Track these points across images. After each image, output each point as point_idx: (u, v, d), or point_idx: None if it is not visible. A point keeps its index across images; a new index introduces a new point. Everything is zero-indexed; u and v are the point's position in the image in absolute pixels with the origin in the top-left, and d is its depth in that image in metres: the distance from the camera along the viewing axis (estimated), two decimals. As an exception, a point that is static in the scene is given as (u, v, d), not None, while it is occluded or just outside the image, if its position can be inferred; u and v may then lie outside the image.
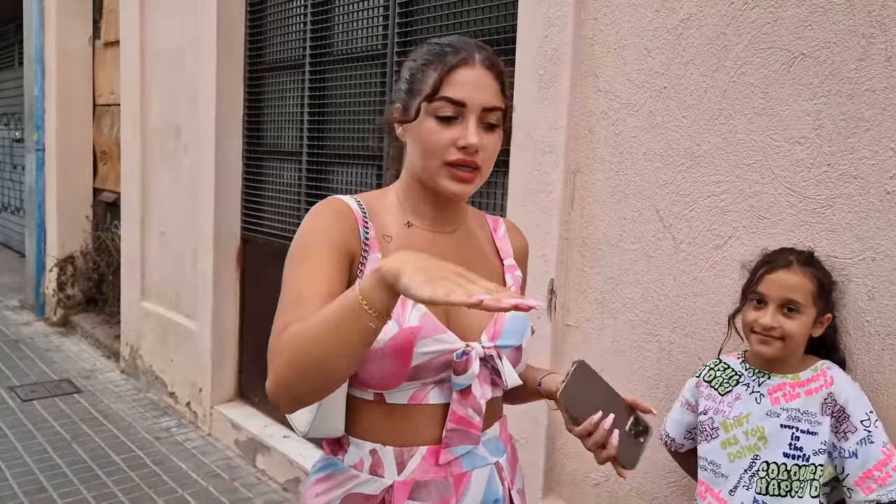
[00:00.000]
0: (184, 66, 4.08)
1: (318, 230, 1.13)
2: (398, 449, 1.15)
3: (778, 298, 1.51)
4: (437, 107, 1.11)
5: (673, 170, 1.91)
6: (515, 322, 1.22)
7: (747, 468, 1.55)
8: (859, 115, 1.57)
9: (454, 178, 1.13)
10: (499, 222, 1.35)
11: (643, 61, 1.97)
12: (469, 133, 1.10)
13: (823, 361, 1.55)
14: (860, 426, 1.45)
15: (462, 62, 1.11)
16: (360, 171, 3.22)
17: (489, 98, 1.12)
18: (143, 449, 3.70)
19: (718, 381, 1.65)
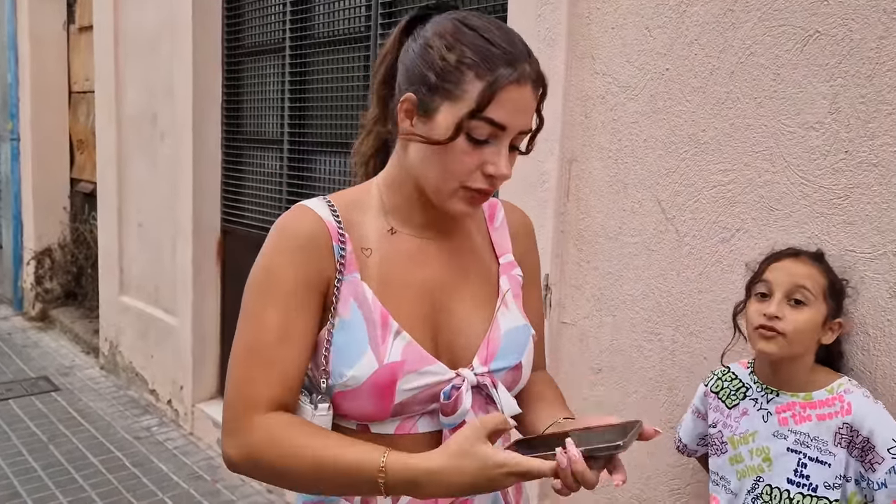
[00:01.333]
0: (159, 50, 3.92)
1: (280, 266, 0.99)
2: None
3: (784, 287, 1.38)
4: (475, 126, 0.93)
5: (676, 158, 1.79)
6: (513, 336, 1.08)
7: (751, 489, 1.44)
8: (880, 98, 1.45)
9: (468, 202, 0.99)
10: (496, 208, 1.19)
11: (644, 41, 1.84)
12: (501, 161, 0.95)
13: (841, 381, 1.41)
14: (888, 455, 1.32)
15: (516, 80, 0.93)
16: (343, 159, 3.08)
17: (529, 121, 0.97)
18: (123, 450, 3.57)
19: (726, 393, 1.54)
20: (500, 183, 0.99)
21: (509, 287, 1.13)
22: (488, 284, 1.12)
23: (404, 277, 1.05)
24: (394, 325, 1.01)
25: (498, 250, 1.16)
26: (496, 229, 1.17)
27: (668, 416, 1.85)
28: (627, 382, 1.94)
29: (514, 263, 1.16)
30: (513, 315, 1.10)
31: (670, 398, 1.85)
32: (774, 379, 1.45)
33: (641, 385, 1.91)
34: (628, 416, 1.94)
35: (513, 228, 1.19)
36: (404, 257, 1.06)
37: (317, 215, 1.02)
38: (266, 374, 0.97)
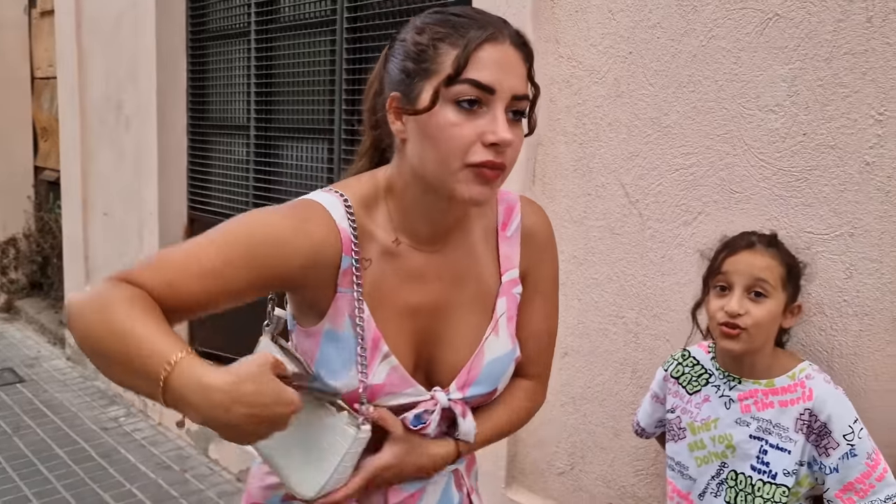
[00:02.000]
0: (122, 35, 3.84)
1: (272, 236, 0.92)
2: None
3: (744, 281, 1.37)
4: (459, 91, 0.89)
5: (639, 141, 1.80)
6: (495, 365, 1.07)
7: (715, 475, 1.45)
8: (837, 81, 1.47)
9: (478, 179, 0.91)
10: (513, 213, 1.10)
11: (607, 25, 1.84)
12: (499, 126, 0.89)
13: (802, 366, 1.41)
14: (843, 441, 1.33)
15: (490, 38, 0.90)
16: (310, 145, 3.05)
17: (520, 84, 0.92)
18: (89, 441, 3.52)
19: (686, 379, 1.54)
20: (506, 151, 0.91)
21: (505, 310, 1.09)
22: (484, 308, 1.08)
23: (399, 296, 1.02)
24: (384, 349, 1.00)
25: (503, 265, 1.09)
26: (507, 239, 1.10)
27: (632, 398, 1.87)
28: (593, 365, 1.95)
29: (517, 281, 1.10)
30: (501, 343, 1.08)
31: (634, 380, 1.87)
32: (737, 367, 1.45)
33: (607, 368, 1.92)
34: (596, 398, 1.96)
35: (527, 240, 1.11)
36: (403, 275, 1.02)
37: (333, 223, 0.96)
38: (170, 274, 0.89)
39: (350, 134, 2.80)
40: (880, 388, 1.45)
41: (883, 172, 1.42)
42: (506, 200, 1.11)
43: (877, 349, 1.45)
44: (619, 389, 1.90)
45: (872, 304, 1.45)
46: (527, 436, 2.11)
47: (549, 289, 1.15)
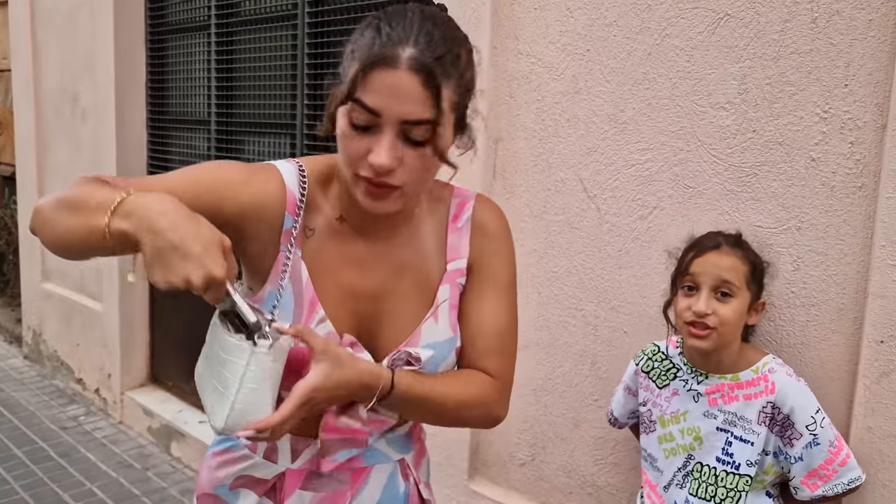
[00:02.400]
0: (78, 27, 3.76)
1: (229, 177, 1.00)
2: (294, 437, 1.09)
3: (710, 282, 1.41)
4: (351, 110, 0.92)
5: (597, 137, 1.83)
6: (437, 348, 1.05)
7: (681, 467, 1.50)
8: (784, 80, 1.51)
9: (367, 194, 0.95)
10: (465, 207, 1.11)
11: (565, 22, 1.87)
12: (380, 151, 0.91)
13: (766, 360, 1.46)
14: (805, 431, 1.39)
15: (383, 61, 0.89)
16: (272, 139, 3.03)
17: (412, 110, 0.90)
18: (48, 440, 3.46)
19: (656, 373, 1.58)
20: (385, 174, 0.93)
21: (448, 298, 1.09)
22: (426, 291, 1.09)
23: (340, 275, 1.05)
24: (320, 312, 1.03)
25: (449, 254, 1.10)
26: (457, 230, 1.11)
27: (591, 388, 1.91)
28: (553, 357, 1.98)
29: (463, 271, 1.10)
30: (440, 330, 1.08)
31: (594, 371, 1.91)
32: (705, 363, 1.49)
33: (566, 359, 1.96)
34: (556, 390, 1.99)
35: (477, 231, 1.11)
36: (345, 257, 1.05)
37: (282, 182, 1.02)
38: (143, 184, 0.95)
39: (312, 128, 2.80)
40: (825, 376, 1.51)
41: (827, 168, 1.47)
42: (461, 195, 1.13)
43: (823, 338, 1.51)
44: (579, 381, 1.94)
45: (818, 296, 1.51)
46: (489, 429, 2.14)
47: (502, 285, 1.12)
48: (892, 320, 1.38)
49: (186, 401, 3.57)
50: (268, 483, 1.11)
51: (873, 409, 1.41)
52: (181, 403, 3.57)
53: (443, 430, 2.17)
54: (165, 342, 3.74)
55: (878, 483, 1.42)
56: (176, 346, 3.64)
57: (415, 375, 1.02)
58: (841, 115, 1.45)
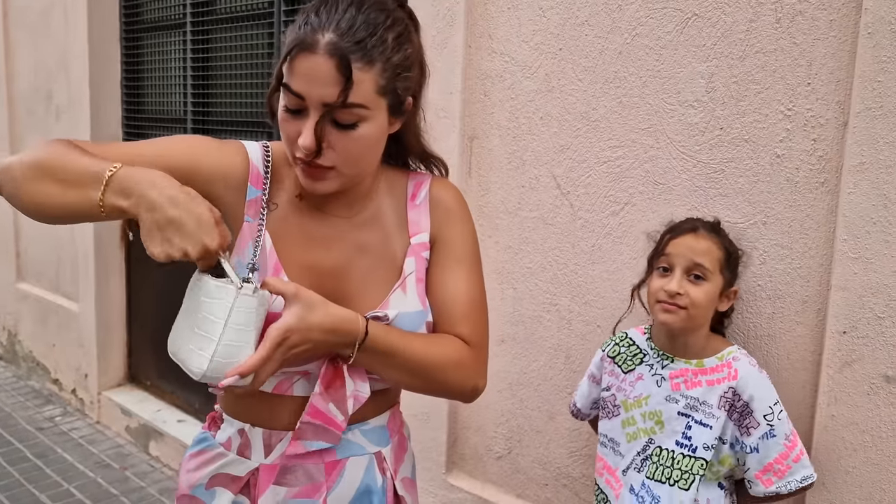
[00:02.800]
0: (52, 25, 3.73)
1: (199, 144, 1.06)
2: (267, 431, 1.10)
3: (684, 263, 1.44)
4: (283, 95, 0.98)
5: (569, 135, 1.86)
6: (401, 320, 1.07)
7: (641, 451, 1.52)
8: (750, 78, 1.55)
9: (304, 174, 1.01)
10: (421, 185, 1.15)
11: (538, 22, 1.90)
12: (304, 133, 0.95)
13: (731, 349, 1.49)
14: (763, 421, 1.41)
15: (303, 47, 0.94)
16: (249, 137, 3.02)
17: (330, 93, 0.93)
18: (24, 441, 3.43)
19: (622, 358, 1.61)
20: (312, 156, 0.97)
21: (414, 270, 1.11)
22: (390, 266, 1.11)
23: (303, 250, 1.07)
24: (284, 277, 1.04)
25: (411, 229, 1.13)
26: (416, 206, 1.14)
27: (566, 381, 1.94)
28: (528, 351, 2.01)
29: (426, 245, 1.13)
30: (409, 301, 1.09)
31: (568, 365, 1.94)
32: (672, 347, 1.52)
33: (541, 354, 1.99)
34: (531, 384, 2.02)
35: (435, 207, 1.15)
36: (303, 231, 1.08)
37: (247, 157, 1.07)
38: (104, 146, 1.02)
39: (289, 127, 2.80)
40: (791, 366, 1.55)
41: (791, 164, 1.51)
42: (416, 177, 1.17)
43: (788, 330, 1.55)
44: (554, 374, 1.97)
45: (784, 288, 1.55)
46: (466, 422, 2.17)
47: (464, 254, 1.14)
48: (853, 311, 1.42)
49: (165, 400, 3.56)
50: (242, 480, 1.11)
51: (836, 398, 1.46)
52: (159, 403, 3.56)
53: (421, 426, 2.20)
54: (143, 341, 3.73)
55: (840, 469, 1.46)
56: (154, 345, 3.62)
57: (388, 327, 1.04)
58: (804, 112, 1.49)
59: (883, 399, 1.40)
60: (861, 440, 1.43)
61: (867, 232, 1.39)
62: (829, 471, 1.47)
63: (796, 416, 1.50)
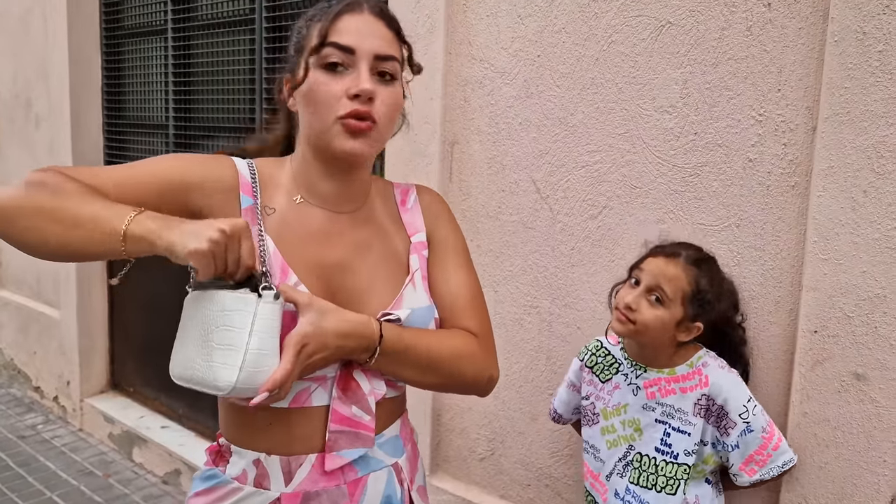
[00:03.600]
0: (31, 32, 3.72)
1: (187, 158, 1.08)
2: (285, 458, 1.05)
3: (648, 282, 1.47)
4: (325, 55, 1.02)
5: (548, 140, 1.89)
6: (414, 315, 1.09)
7: (622, 457, 1.56)
8: (723, 84, 1.59)
9: (349, 131, 1.02)
10: (409, 192, 1.22)
11: (516, 29, 1.93)
12: (361, 79, 1.01)
13: (700, 354, 1.52)
14: (739, 420, 1.46)
15: (347, 8, 1.04)
16: (230, 143, 3.04)
17: (381, 44, 1.04)
18: (6, 450, 3.41)
19: (599, 368, 1.64)
20: (368, 102, 1.02)
21: (418, 267, 1.15)
22: (395, 262, 1.14)
23: (304, 247, 1.07)
24: (293, 277, 1.03)
25: (409, 229, 1.18)
26: (408, 210, 1.20)
27: (547, 383, 1.97)
28: (510, 354, 2.04)
29: (425, 244, 1.18)
30: (419, 296, 1.12)
31: (549, 367, 1.97)
32: (641, 355, 1.56)
33: (523, 356, 2.02)
34: (513, 385, 2.05)
35: (426, 210, 1.21)
36: (306, 229, 1.08)
37: (234, 166, 1.09)
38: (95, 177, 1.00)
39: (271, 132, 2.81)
40: (765, 365, 1.59)
41: (763, 168, 1.55)
42: (399, 187, 1.23)
43: (762, 329, 1.59)
44: (535, 376, 2.00)
45: (757, 289, 1.59)
46: (449, 424, 2.19)
47: (459, 251, 1.21)
48: (824, 311, 1.46)
49: (148, 406, 3.55)
50: None
51: (808, 395, 1.50)
52: (142, 409, 3.55)
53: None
54: (125, 348, 3.72)
55: (814, 465, 1.50)
56: (136, 351, 3.61)
57: (400, 327, 1.06)
58: (775, 118, 1.53)
59: (853, 396, 1.44)
60: (833, 436, 1.47)
61: (836, 234, 1.43)
62: (802, 466, 1.51)
63: (771, 414, 1.53)
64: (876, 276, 1.39)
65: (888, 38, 1.35)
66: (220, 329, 0.93)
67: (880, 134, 1.37)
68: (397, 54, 1.06)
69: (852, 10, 1.38)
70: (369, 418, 1.06)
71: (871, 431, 1.43)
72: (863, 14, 1.37)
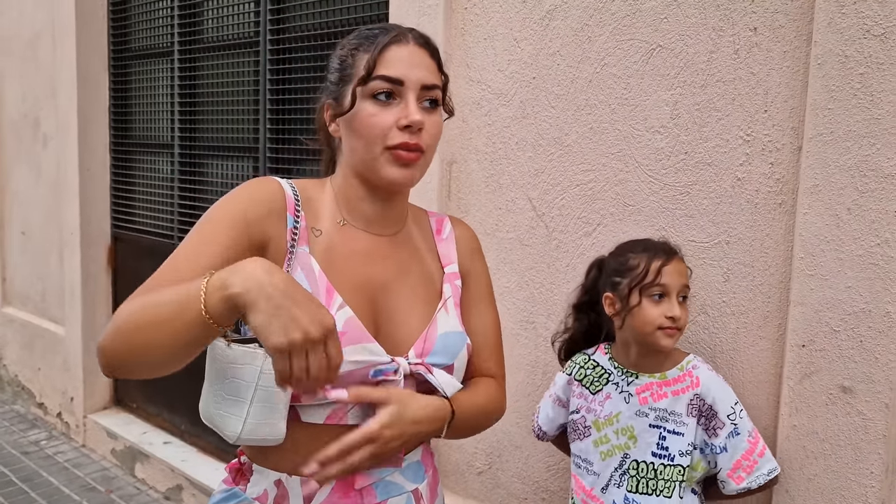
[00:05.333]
0: (40, 54, 3.80)
1: (233, 201, 1.06)
2: (306, 479, 1.06)
3: (677, 287, 1.50)
4: (374, 87, 1.04)
5: (544, 159, 1.94)
6: (449, 339, 1.14)
7: (618, 466, 1.58)
8: (712, 105, 1.64)
9: (398, 161, 1.05)
10: (444, 222, 1.26)
11: (512, 52, 1.98)
12: (411, 111, 1.04)
13: (689, 358, 1.56)
14: (727, 421, 1.49)
15: (394, 40, 1.06)
16: (235, 163, 3.10)
17: (427, 75, 1.07)
18: (10, 465, 3.44)
19: (589, 380, 1.66)
20: (418, 133, 1.04)
21: (451, 295, 1.19)
22: (431, 286, 1.18)
23: (350, 267, 1.10)
24: (338, 299, 1.05)
25: (443, 260, 1.22)
26: (443, 240, 1.24)
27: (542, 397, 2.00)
28: (507, 369, 2.06)
29: (458, 275, 1.22)
30: (451, 321, 1.16)
31: (545, 381, 2.00)
32: (638, 364, 1.59)
33: (519, 370, 2.05)
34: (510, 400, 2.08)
35: (460, 243, 1.25)
36: (351, 249, 1.11)
37: (280, 186, 1.10)
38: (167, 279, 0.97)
39: (275, 151, 2.87)
40: (755, 378, 1.62)
41: (751, 187, 1.60)
42: (434, 216, 1.27)
43: (751, 344, 1.63)
44: (531, 391, 2.03)
45: (747, 304, 1.63)
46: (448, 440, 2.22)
47: (487, 290, 1.28)
48: (811, 326, 1.50)
49: (151, 422, 3.58)
50: None
51: (797, 409, 1.53)
52: (145, 425, 3.58)
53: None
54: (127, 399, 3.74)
55: (803, 478, 1.53)
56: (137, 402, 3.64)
57: (460, 396, 1.13)
58: (762, 138, 1.58)
59: (840, 409, 1.48)
60: (821, 448, 1.50)
61: (822, 250, 1.47)
62: (792, 479, 1.54)
63: (760, 427, 1.57)
64: (860, 291, 1.43)
65: (869, 62, 1.40)
66: (229, 380, 1.00)
67: (863, 153, 1.41)
68: (440, 83, 1.10)
69: (835, 34, 1.43)
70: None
71: (858, 443, 1.46)
72: (844, 38, 1.42)
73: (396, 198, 1.15)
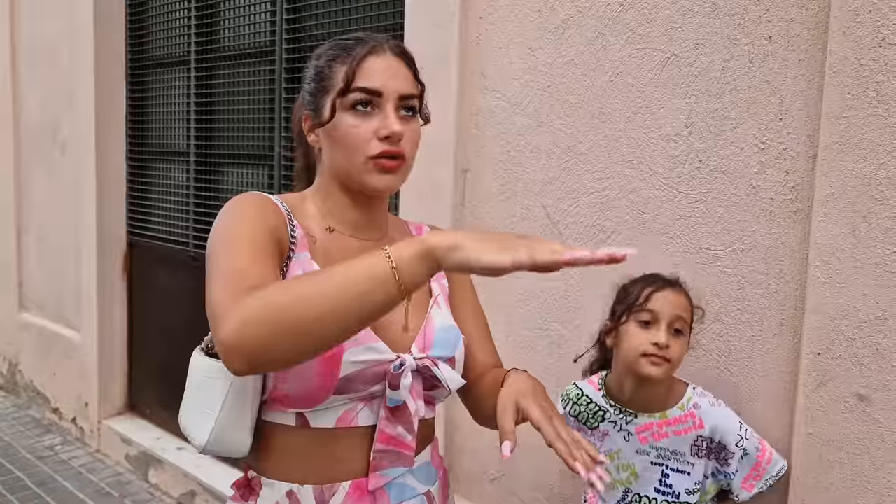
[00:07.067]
0: (59, 63, 3.85)
1: (249, 214, 1.05)
2: (318, 487, 1.07)
3: (668, 317, 1.47)
4: (353, 99, 1.06)
5: (558, 167, 1.95)
6: (446, 333, 1.16)
7: (620, 500, 1.58)
8: (726, 114, 1.65)
9: (381, 170, 1.07)
10: (423, 229, 1.29)
11: (527, 60, 2.00)
12: (390, 121, 1.06)
13: (689, 396, 1.54)
14: (737, 449, 1.51)
15: (372, 51, 1.07)
16: (250, 171, 3.13)
17: (405, 85, 1.09)
18: (24, 470, 3.47)
19: (584, 417, 1.63)
20: (398, 142, 1.06)
21: (440, 292, 1.22)
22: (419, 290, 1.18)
23: None
24: None
25: None
26: None
27: (557, 405, 2.00)
28: (521, 376, 2.07)
29: (442, 274, 1.23)
30: (444, 316, 1.19)
31: (558, 389, 1.99)
32: (633, 400, 1.55)
33: (533, 378, 2.05)
34: (521, 407, 2.08)
35: None
36: (344, 254, 1.11)
37: (271, 198, 1.11)
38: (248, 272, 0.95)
39: (290, 159, 2.90)
40: (770, 386, 1.62)
41: (766, 195, 1.60)
42: (413, 224, 1.31)
43: (766, 351, 1.62)
44: (545, 398, 2.03)
45: (762, 312, 1.62)
46: (461, 445, 2.23)
47: (471, 288, 1.31)
48: (826, 334, 1.50)
49: (164, 428, 3.60)
50: None
51: (813, 417, 1.52)
52: (159, 431, 3.60)
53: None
54: (144, 370, 3.78)
55: (819, 486, 1.53)
56: (154, 374, 3.67)
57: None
58: (777, 146, 1.58)
59: (856, 417, 1.47)
60: (837, 457, 1.50)
61: (837, 258, 1.47)
62: (808, 488, 1.53)
63: (776, 434, 1.56)
64: (876, 299, 1.43)
65: (885, 70, 1.40)
66: (201, 391, 1.07)
67: (878, 161, 1.41)
68: (417, 91, 1.11)
69: (850, 42, 1.44)
70: (411, 438, 1.09)
71: (874, 452, 1.45)
72: (860, 47, 1.43)
73: (377, 202, 1.17)
